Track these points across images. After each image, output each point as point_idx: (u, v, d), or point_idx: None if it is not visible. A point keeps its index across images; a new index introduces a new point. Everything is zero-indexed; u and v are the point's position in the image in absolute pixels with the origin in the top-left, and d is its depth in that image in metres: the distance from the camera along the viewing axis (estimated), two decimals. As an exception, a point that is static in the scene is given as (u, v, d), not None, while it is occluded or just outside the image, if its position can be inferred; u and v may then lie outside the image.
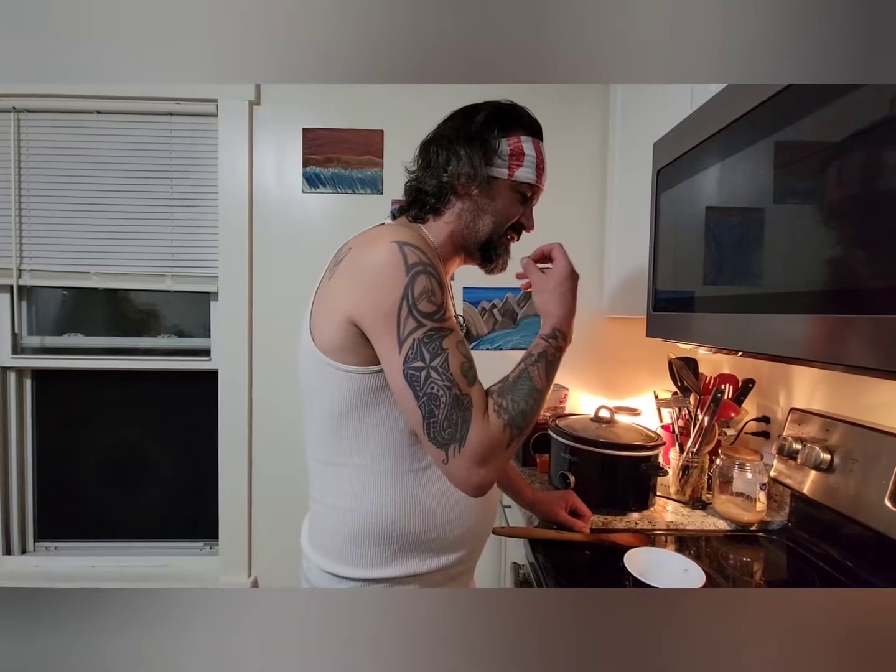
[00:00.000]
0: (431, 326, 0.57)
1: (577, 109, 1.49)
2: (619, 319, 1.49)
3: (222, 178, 1.45)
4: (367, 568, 0.63)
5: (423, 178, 0.71)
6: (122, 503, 1.63)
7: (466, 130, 0.69)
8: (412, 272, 0.57)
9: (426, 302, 0.57)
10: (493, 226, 0.72)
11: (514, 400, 0.60)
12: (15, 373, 1.55)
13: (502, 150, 0.69)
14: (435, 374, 0.56)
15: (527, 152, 0.70)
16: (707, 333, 0.75)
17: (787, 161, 0.59)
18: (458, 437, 0.56)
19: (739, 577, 0.81)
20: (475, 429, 0.56)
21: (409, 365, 0.56)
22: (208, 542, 1.61)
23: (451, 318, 0.60)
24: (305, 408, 0.69)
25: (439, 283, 0.59)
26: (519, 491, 0.95)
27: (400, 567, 0.64)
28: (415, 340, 0.56)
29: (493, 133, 0.69)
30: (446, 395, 0.56)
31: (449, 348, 0.57)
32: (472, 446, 0.56)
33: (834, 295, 0.52)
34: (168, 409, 1.62)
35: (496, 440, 0.58)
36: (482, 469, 0.57)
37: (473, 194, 0.70)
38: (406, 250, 0.57)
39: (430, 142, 0.73)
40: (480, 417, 0.57)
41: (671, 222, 0.87)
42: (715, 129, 0.72)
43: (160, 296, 1.57)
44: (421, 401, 0.56)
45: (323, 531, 0.67)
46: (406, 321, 0.56)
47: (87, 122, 1.45)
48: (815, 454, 0.85)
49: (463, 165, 0.67)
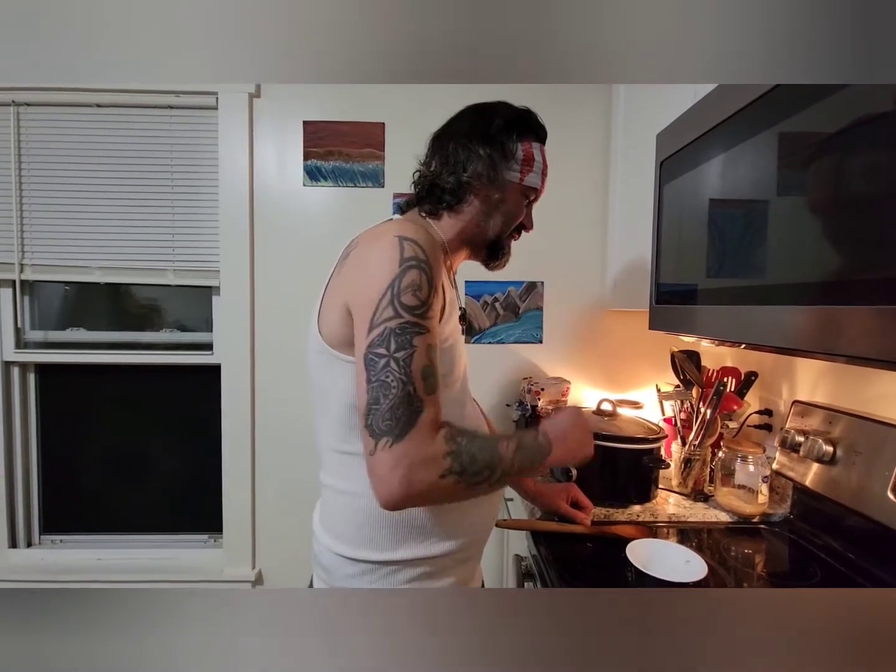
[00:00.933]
0: (408, 319, 0.56)
1: (579, 100, 1.48)
2: (622, 313, 1.48)
3: (223, 172, 1.44)
4: (377, 551, 0.65)
5: (441, 175, 0.72)
6: (126, 496, 1.64)
7: (486, 132, 0.71)
8: (405, 265, 0.57)
9: (410, 295, 0.56)
10: (502, 226, 0.75)
11: (470, 442, 0.58)
12: (19, 367, 1.56)
13: (518, 155, 0.72)
14: (395, 364, 0.54)
15: (536, 158, 0.74)
16: (710, 326, 0.75)
17: (791, 151, 0.59)
18: (395, 432, 0.53)
19: (741, 568, 0.82)
20: (416, 434, 0.54)
21: (372, 350, 0.55)
22: (212, 535, 1.63)
23: (433, 319, 0.59)
24: (315, 398, 0.70)
25: (429, 281, 0.58)
26: (521, 483, 0.96)
27: (408, 550, 0.65)
28: (386, 328, 0.55)
29: (512, 137, 0.72)
30: (398, 388, 0.54)
31: (418, 346, 0.56)
32: (404, 448, 0.53)
33: (838, 286, 0.51)
34: (171, 404, 1.62)
35: (432, 461, 0.54)
36: (404, 479, 0.53)
37: (488, 194, 0.72)
38: (405, 244, 0.58)
39: (447, 137, 0.73)
40: (426, 428, 0.55)
41: (674, 214, 0.87)
42: (718, 119, 0.72)
43: (162, 290, 1.57)
44: (371, 384, 0.54)
45: (335, 515, 0.69)
46: (384, 309, 0.56)
47: (87, 116, 1.45)
48: (818, 446, 0.85)
49: (484, 167, 0.70)
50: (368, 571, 0.65)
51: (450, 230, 0.74)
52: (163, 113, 1.45)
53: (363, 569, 0.65)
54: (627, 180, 1.34)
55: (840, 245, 0.52)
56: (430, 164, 0.75)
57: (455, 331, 0.70)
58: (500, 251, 0.78)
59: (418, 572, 0.66)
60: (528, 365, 1.53)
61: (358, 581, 0.65)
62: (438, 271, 0.61)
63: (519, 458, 0.61)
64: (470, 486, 0.57)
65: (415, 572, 0.66)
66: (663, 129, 0.90)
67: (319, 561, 0.71)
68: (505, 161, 0.71)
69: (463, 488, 0.57)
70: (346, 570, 0.66)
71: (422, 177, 0.75)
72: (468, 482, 0.57)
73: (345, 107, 1.45)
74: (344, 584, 0.67)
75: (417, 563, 0.66)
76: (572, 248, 1.52)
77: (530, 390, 1.38)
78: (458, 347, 0.70)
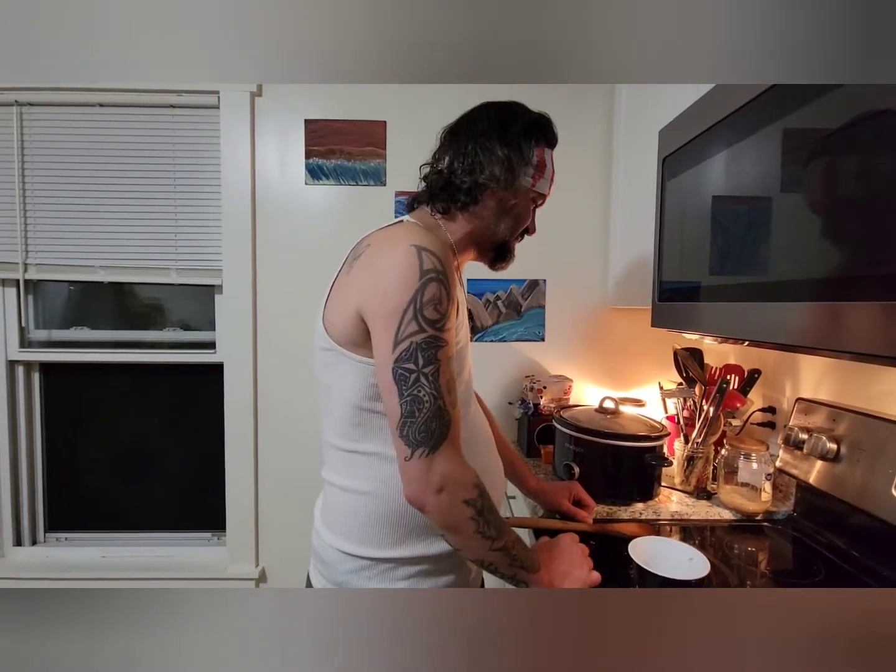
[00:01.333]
0: (431, 334, 0.58)
1: (581, 97, 1.47)
2: (624, 310, 1.48)
3: (225, 171, 1.44)
4: (379, 548, 0.65)
5: (457, 173, 0.71)
6: (130, 494, 1.64)
7: (505, 134, 0.70)
8: (425, 278, 0.58)
9: (432, 309, 0.58)
10: (511, 229, 0.76)
11: (491, 502, 0.61)
12: (23, 366, 1.57)
13: (532, 161, 0.72)
14: (424, 380, 0.57)
15: (548, 165, 0.75)
16: (713, 322, 0.74)
17: (796, 147, 0.59)
18: (431, 443, 0.57)
19: (744, 566, 0.81)
20: (448, 448, 0.58)
21: (401, 365, 0.57)
22: (216, 533, 1.63)
23: (451, 330, 0.60)
24: (321, 396, 0.70)
25: (447, 293, 0.59)
26: (523, 480, 0.96)
27: (409, 548, 0.66)
28: (412, 343, 0.57)
29: (530, 143, 0.72)
30: (430, 403, 0.57)
31: (442, 361, 0.58)
32: (440, 460, 0.57)
33: (843, 281, 0.51)
34: (174, 402, 1.63)
35: (463, 481, 0.59)
36: (437, 486, 0.57)
37: (502, 198, 0.72)
38: (423, 255, 0.58)
39: (464, 135, 0.72)
40: (456, 442, 0.59)
41: (677, 211, 0.86)
42: (721, 115, 0.71)
43: (165, 289, 1.58)
44: (404, 399, 0.57)
45: (338, 513, 0.69)
46: (409, 323, 0.57)
47: (89, 115, 1.45)
48: (822, 444, 0.85)
49: (501, 170, 0.69)
50: (367, 567, 0.66)
51: (460, 230, 0.74)
52: (165, 112, 1.46)
53: (363, 564, 0.66)
54: (629, 177, 1.34)
55: (847, 240, 0.51)
56: (442, 159, 0.73)
57: (465, 334, 0.70)
58: (507, 253, 0.78)
59: (417, 570, 0.66)
60: (530, 363, 1.53)
61: (356, 576, 0.66)
62: (454, 280, 0.62)
63: (519, 549, 0.63)
64: (476, 534, 0.59)
65: (414, 570, 0.66)
66: (665, 125, 0.89)
67: (319, 555, 0.71)
68: (522, 166, 0.71)
69: (470, 530, 0.59)
70: (347, 566, 0.67)
71: (434, 172, 0.74)
72: (478, 526, 0.59)
73: (346, 105, 1.45)
74: (343, 579, 0.67)
75: (417, 560, 0.66)
76: (574, 245, 1.51)
77: (532, 388, 1.38)
78: (467, 349, 0.71)
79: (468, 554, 0.62)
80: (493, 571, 0.62)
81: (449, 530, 0.60)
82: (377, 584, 0.66)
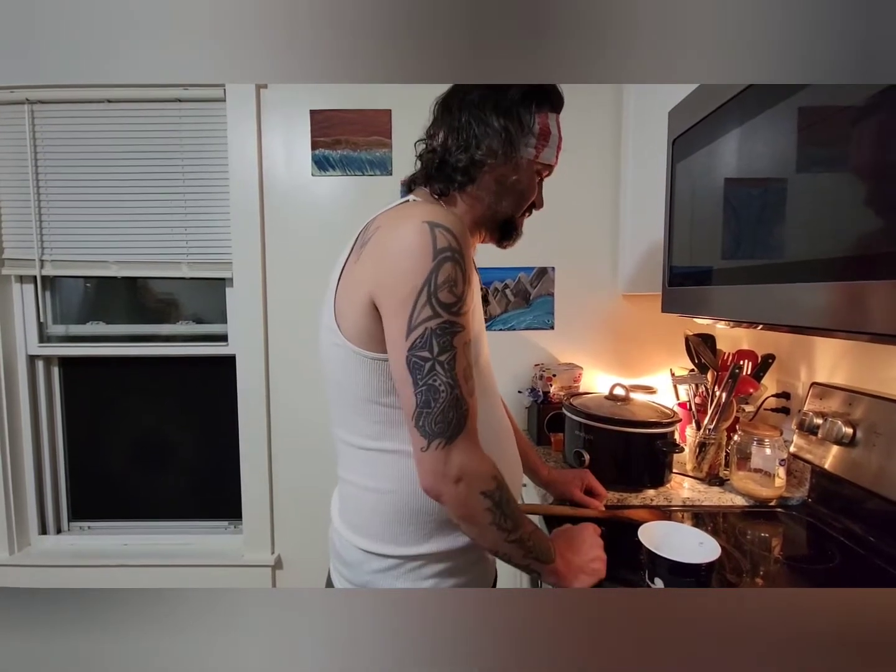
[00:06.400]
0: (447, 319, 0.54)
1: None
2: (634, 297, 1.46)
3: (232, 164, 1.45)
4: (404, 546, 0.63)
5: (452, 150, 0.65)
6: (149, 484, 1.69)
7: (502, 103, 0.64)
8: (439, 258, 0.54)
9: (447, 292, 0.54)
10: (514, 206, 0.71)
11: (510, 495, 0.59)
12: (42, 360, 1.61)
13: (534, 129, 0.66)
14: (440, 368, 0.54)
15: (552, 132, 0.68)
16: (725, 306, 0.73)
17: (810, 123, 0.57)
18: (448, 434, 0.55)
19: (757, 552, 0.81)
20: (465, 439, 0.56)
21: (415, 353, 0.54)
22: (232, 521, 1.67)
23: (467, 314, 0.57)
24: (331, 392, 0.67)
25: (463, 273, 0.55)
26: (535, 470, 0.96)
27: (435, 544, 0.64)
28: (426, 329, 0.53)
29: (530, 109, 0.65)
30: (447, 392, 0.54)
31: (458, 347, 0.55)
32: (458, 451, 0.55)
33: (858, 260, 0.50)
34: (190, 394, 1.66)
35: (481, 472, 0.57)
36: (455, 476, 0.55)
37: (503, 174, 0.67)
38: (437, 232, 0.54)
39: (456, 106, 0.67)
40: (473, 433, 0.57)
41: (687, 194, 0.85)
42: (732, 93, 0.69)
43: (178, 284, 1.60)
44: (419, 388, 0.54)
45: (359, 512, 0.66)
46: (423, 308, 0.53)
47: (98, 112, 1.46)
48: (837, 428, 0.83)
49: (499, 142, 0.64)
50: (394, 566, 0.63)
51: (463, 213, 0.69)
52: (172, 106, 1.46)
53: (390, 563, 0.63)
54: (639, 163, 1.32)
55: (862, 218, 0.50)
56: (436, 135, 0.69)
57: (480, 319, 0.67)
58: (513, 230, 0.73)
59: (443, 567, 0.64)
60: (539, 351, 1.52)
61: (383, 576, 0.64)
62: (470, 260, 0.58)
63: (535, 540, 0.61)
64: (492, 525, 0.57)
65: (440, 567, 0.64)
66: (675, 105, 0.87)
67: (341, 556, 0.68)
68: (522, 136, 0.65)
69: (486, 521, 0.57)
70: (372, 566, 0.64)
71: (428, 150, 0.69)
72: (494, 518, 0.57)
73: (351, 95, 1.45)
74: (369, 579, 0.65)
75: (445, 556, 0.64)
76: (583, 232, 1.50)
77: (542, 377, 1.38)
78: (482, 334, 0.67)
79: (483, 544, 0.60)
80: (508, 561, 0.61)
81: (465, 521, 0.58)
82: (404, 583, 0.63)
